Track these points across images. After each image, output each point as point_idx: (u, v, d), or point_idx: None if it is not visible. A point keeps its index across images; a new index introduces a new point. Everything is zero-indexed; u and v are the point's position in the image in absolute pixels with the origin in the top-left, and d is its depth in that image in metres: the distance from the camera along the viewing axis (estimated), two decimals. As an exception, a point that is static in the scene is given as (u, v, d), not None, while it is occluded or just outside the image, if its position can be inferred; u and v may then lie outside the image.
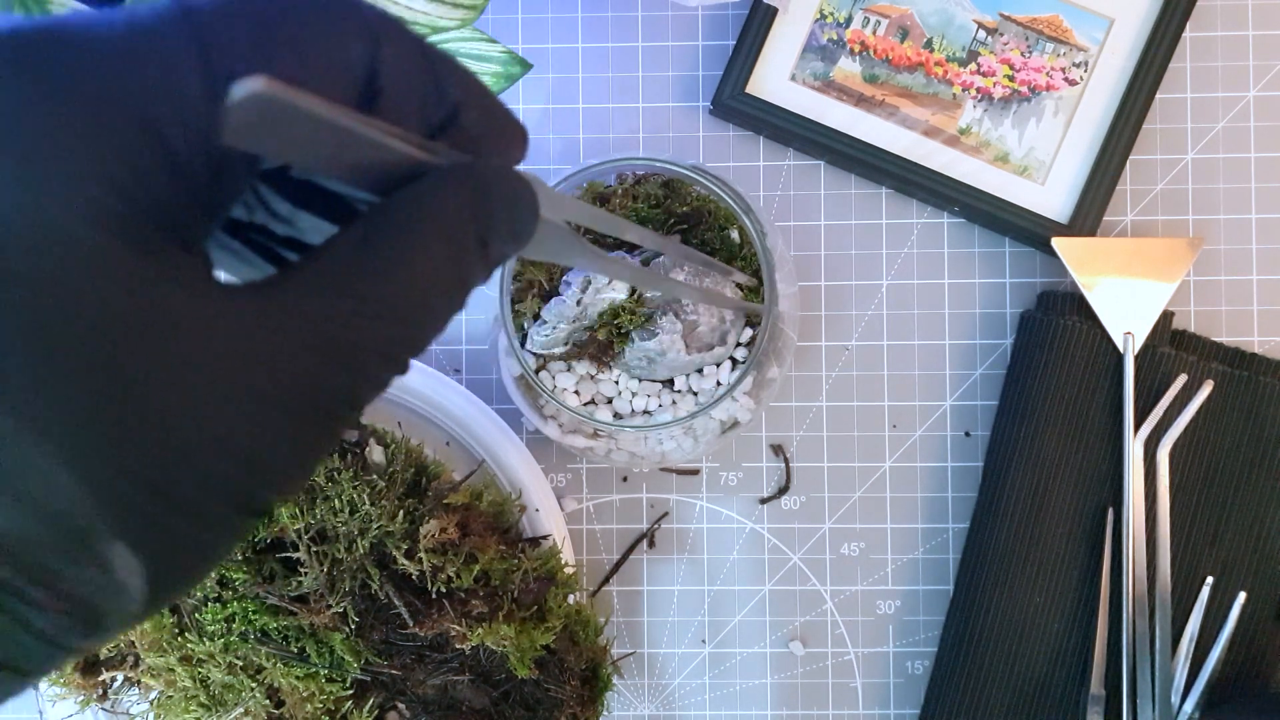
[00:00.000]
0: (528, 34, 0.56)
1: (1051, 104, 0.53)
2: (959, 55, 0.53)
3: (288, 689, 0.46)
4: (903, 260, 0.54)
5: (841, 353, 0.55)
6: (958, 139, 0.53)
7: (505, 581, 0.46)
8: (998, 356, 0.54)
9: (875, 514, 0.54)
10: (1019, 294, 0.54)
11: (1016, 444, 0.52)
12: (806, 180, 0.55)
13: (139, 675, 0.47)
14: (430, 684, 0.47)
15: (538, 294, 0.47)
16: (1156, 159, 0.54)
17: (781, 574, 0.54)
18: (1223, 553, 0.51)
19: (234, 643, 0.46)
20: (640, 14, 0.55)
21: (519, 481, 0.51)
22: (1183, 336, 0.53)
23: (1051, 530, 0.51)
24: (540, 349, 0.46)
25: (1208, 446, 0.52)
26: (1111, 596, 0.51)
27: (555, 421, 0.48)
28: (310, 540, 0.45)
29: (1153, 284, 0.51)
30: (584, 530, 0.55)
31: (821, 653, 0.54)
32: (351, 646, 0.46)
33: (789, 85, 0.53)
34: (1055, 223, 0.52)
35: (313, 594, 0.46)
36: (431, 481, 0.47)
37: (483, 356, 0.56)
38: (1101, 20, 0.53)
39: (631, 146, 0.55)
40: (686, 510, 0.55)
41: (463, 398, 0.52)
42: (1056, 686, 0.52)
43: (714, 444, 0.49)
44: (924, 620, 0.54)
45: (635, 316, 0.46)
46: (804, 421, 0.55)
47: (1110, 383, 0.52)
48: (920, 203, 0.54)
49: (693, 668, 0.55)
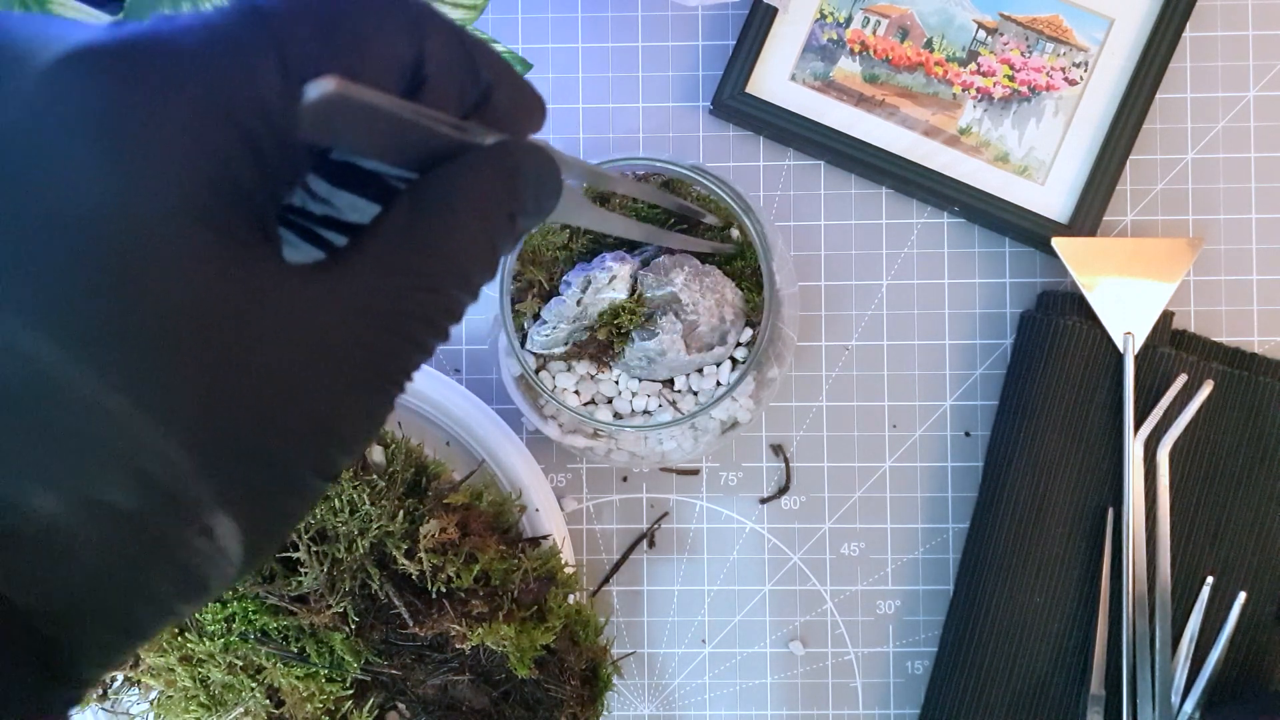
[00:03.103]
0: (528, 34, 0.56)
1: (1051, 104, 0.53)
2: (959, 55, 0.53)
3: (288, 689, 0.46)
4: (903, 260, 0.54)
5: (841, 353, 0.55)
6: (958, 139, 0.53)
7: (505, 581, 0.46)
8: (998, 356, 0.54)
9: (875, 514, 0.54)
10: (1019, 294, 0.54)
11: (1016, 444, 0.52)
12: (806, 180, 0.55)
13: (139, 675, 0.47)
14: (430, 684, 0.47)
15: (538, 294, 0.47)
16: (1156, 159, 0.54)
17: (781, 574, 0.54)
18: (1223, 553, 0.51)
19: (234, 643, 0.46)
20: (640, 14, 0.55)
21: (519, 481, 0.51)
22: (1183, 336, 0.53)
23: (1051, 530, 0.51)
24: (540, 349, 0.46)
25: (1208, 446, 0.52)
26: (1111, 596, 0.51)
27: (555, 421, 0.48)
28: (310, 540, 0.45)
29: (1153, 284, 0.51)
30: (584, 530, 0.55)
31: (821, 653, 0.54)
32: (351, 646, 0.46)
33: (789, 85, 0.53)
34: (1055, 223, 0.52)
35: (313, 594, 0.46)
36: (431, 481, 0.47)
37: (483, 356, 0.56)
38: (1101, 20, 0.53)
39: (631, 146, 0.55)
40: (686, 510, 0.55)
41: (463, 398, 0.52)
42: (1056, 686, 0.52)
43: (714, 444, 0.49)
44: (924, 620, 0.54)
45: (635, 316, 0.46)
46: (804, 421, 0.55)
47: (1110, 383, 0.52)
48: (920, 203, 0.54)
49: (693, 668, 0.55)
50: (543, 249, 0.47)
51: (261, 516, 0.21)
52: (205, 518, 0.20)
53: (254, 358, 0.19)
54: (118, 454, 0.19)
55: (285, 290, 0.20)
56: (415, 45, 0.22)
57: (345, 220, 0.24)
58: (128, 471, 0.19)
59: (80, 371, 0.18)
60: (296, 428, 0.20)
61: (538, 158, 0.24)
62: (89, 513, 0.19)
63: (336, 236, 0.25)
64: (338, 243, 0.24)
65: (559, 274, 0.47)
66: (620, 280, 0.46)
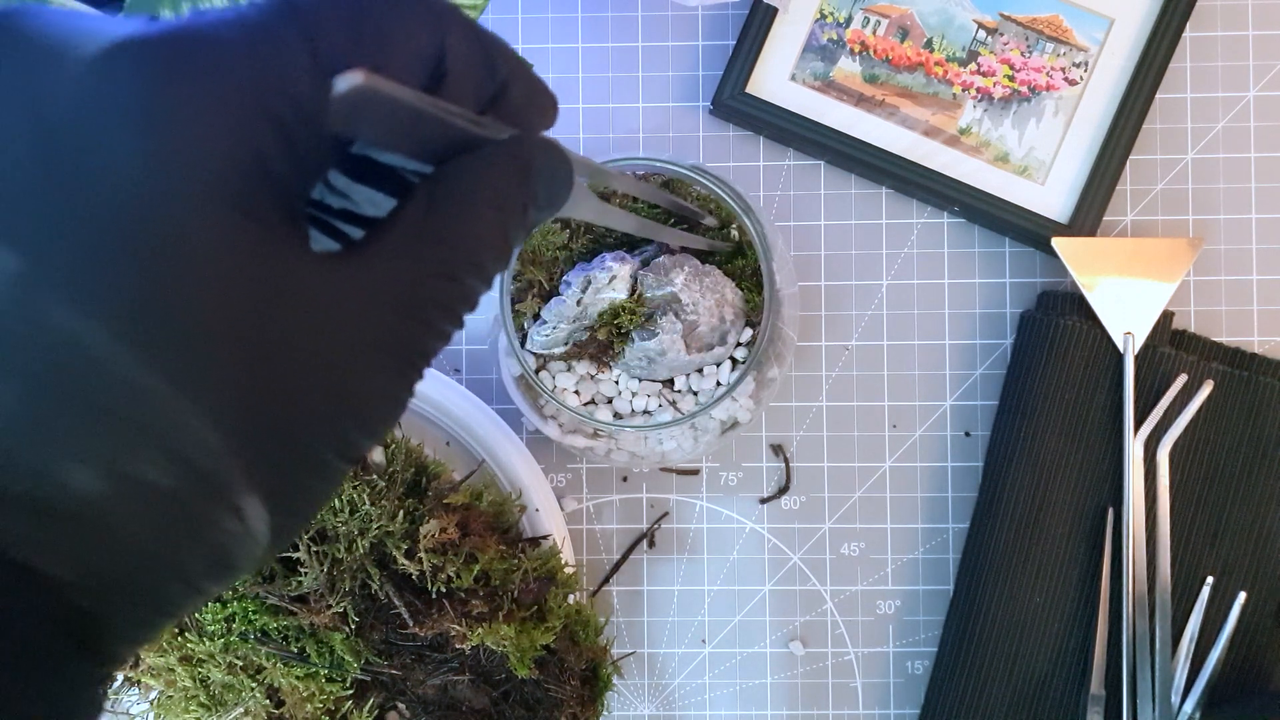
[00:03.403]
0: (528, 34, 0.56)
1: (1051, 104, 0.53)
2: (959, 55, 0.53)
3: (288, 689, 0.46)
4: (903, 260, 0.54)
5: (841, 353, 0.55)
6: (958, 139, 0.53)
7: (505, 581, 0.46)
8: (998, 356, 0.54)
9: (875, 514, 0.54)
10: (1019, 294, 0.54)
11: (1016, 444, 0.52)
12: (806, 180, 0.55)
13: (139, 675, 0.47)
14: (430, 684, 0.47)
15: (538, 294, 0.47)
16: (1156, 159, 0.54)
17: (781, 574, 0.54)
18: (1223, 553, 0.51)
19: (234, 643, 0.46)
20: (640, 14, 0.55)
21: (519, 481, 0.51)
22: (1183, 336, 0.53)
23: (1051, 530, 0.51)
24: (540, 349, 0.46)
25: (1208, 446, 0.52)
26: (1111, 596, 0.51)
27: (555, 421, 0.48)
28: (310, 540, 0.45)
29: (1153, 284, 0.51)
30: (584, 530, 0.55)
31: (821, 653, 0.54)
32: (351, 646, 0.46)
33: (789, 85, 0.53)
34: (1055, 223, 0.52)
35: (313, 594, 0.46)
36: (431, 481, 0.47)
37: (483, 356, 0.56)
38: (1101, 20, 0.53)
39: (631, 146, 0.55)
40: (686, 510, 0.55)
41: (463, 398, 0.52)
42: (1056, 686, 0.52)
43: (714, 444, 0.49)
44: (924, 620, 0.54)
45: (635, 316, 0.46)
46: (804, 421, 0.55)
47: (1110, 383, 0.52)
48: (920, 203, 0.54)
49: (693, 668, 0.55)
50: (543, 249, 0.47)
51: (287, 497, 0.21)
52: (235, 497, 0.20)
53: (282, 340, 0.20)
54: (153, 432, 0.19)
55: (313, 276, 0.21)
56: (437, 41, 0.23)
57: (362, 214, 0.25)
58: (162, 449, 0.19)
59: (118, 350, 0.19)
60: (320, 410, 0.21)
61: (551, 152, 0.25)
62: (124, 489, 0.19)
63: (353, 230, 0.25)
64: (354, 236, 0.25)
65: (559, 274, 0.47)
66: (620, 280, 0.46)
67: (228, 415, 0.20)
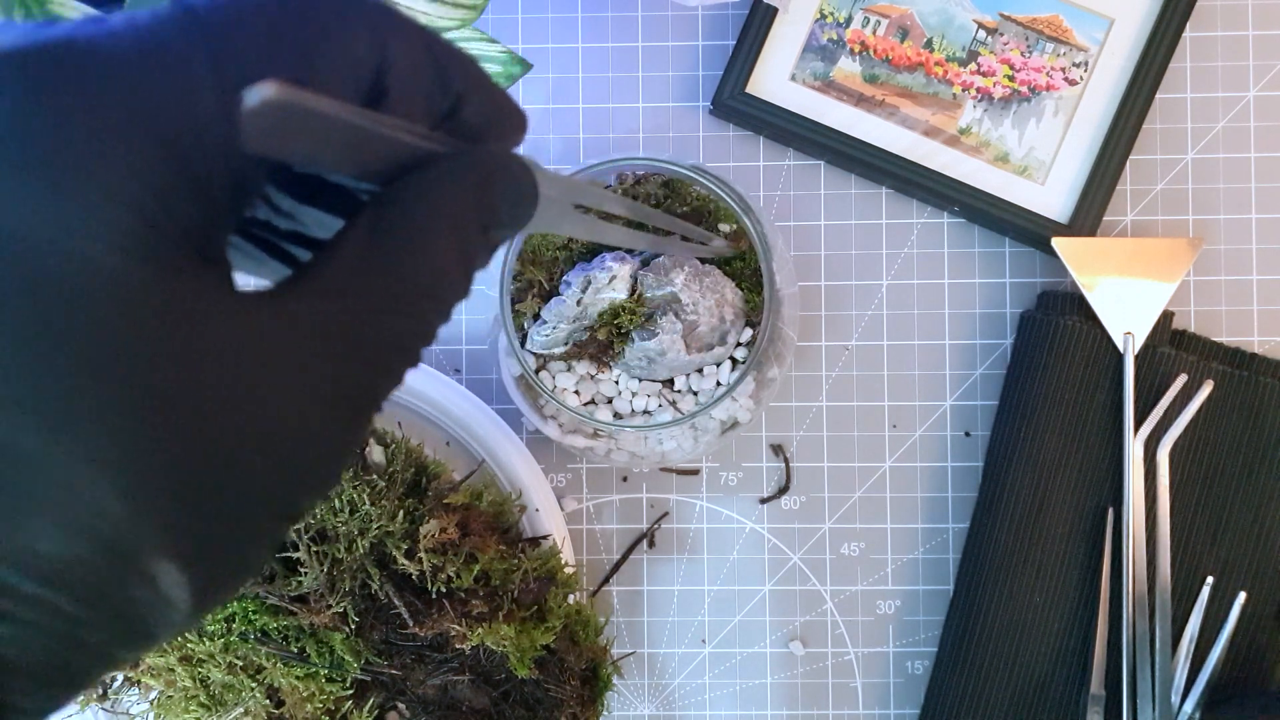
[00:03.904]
0: (528, 34, 0.56)
1: (1051, 104, 0.53)
2: (959, 55, 0.53)
3: (288, 689, 0.46)
4: (903, 260, 0.54)
5: (841, 353, 0.55)
6: (958, 139, 0.53)
7: (505, 581, 0.46)
8: (998, 356, 0.54)
9: (875, 514, 0.54)
10: (1019, 294, 0.54)
11: (1016, 444, 0.52)
12: (806, 180, 0.55)
13: (139, 675, 0.47)
14: (430, 684, 0.47)
15: (538, 294, 0.47)
16: (1156, 159, 0.54)
17: (781, 574, 0.54)
18: (1223, 553, 0.51)
19: (234, 643, 0.46)
20: (640, 14, 0.55)
21: (519, 481, 0.51)
22: (1183, 336, 0.53)
23: (1051, 530, 0.51)
24: (540, 349, 0.46)
25: (1208, 446, 0.52)
26: (1111, 596, 0.51)
27: (555, 421, 0.48)
28: (310, 540, 0.45)
29: (1153, 284, 0.51)
30: (584, 530, 0.55)
31: (821, 653, 0.54)
32: (351, 646, 0.46)
33: (789, 85, 0.53)
34: (1055, 223, 0.52)
35: (313, 594, 0.46)
36: (431, 481, 0.47)
37: (483, 356, 0.56)
38: (1101, 20, 0.53)
39: (631, 146, 0.55)
40: (686, 510, 0.55)
41: (463, 398, 0.52)
42: (1056, 686, 0.52)
43: (714, 444, 0.49)
44: (924, 620, 0.54)
45: (635, 316, 0.46)
46: (804, 421, 0.55)
47: (1110, 383, 0.52)
48: (920, 203, 0.54)
49: (693, 668, 0.55)
50: (543, 249, 0.47)
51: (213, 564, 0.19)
52: (146, 565, 0.18)
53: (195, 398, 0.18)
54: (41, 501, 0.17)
55: (231, 321, 0.18)
56: (374, 51, 0.21)
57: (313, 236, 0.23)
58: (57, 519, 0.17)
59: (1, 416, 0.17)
60: (250, 471, 0.19)
61: (509, 164, 0.23)
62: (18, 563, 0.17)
63: (304, 252, 0.23)
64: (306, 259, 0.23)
65: (559, 274, 0.47)
66: (620, 280, 0.46)
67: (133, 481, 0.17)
